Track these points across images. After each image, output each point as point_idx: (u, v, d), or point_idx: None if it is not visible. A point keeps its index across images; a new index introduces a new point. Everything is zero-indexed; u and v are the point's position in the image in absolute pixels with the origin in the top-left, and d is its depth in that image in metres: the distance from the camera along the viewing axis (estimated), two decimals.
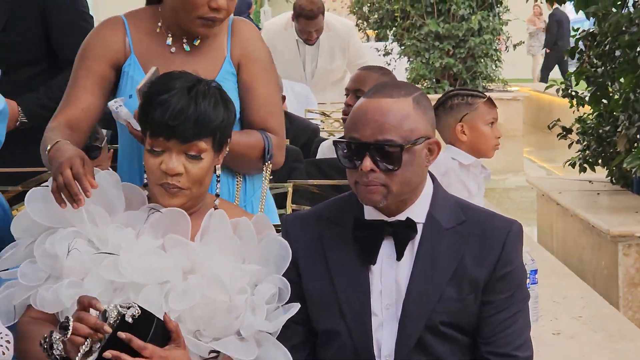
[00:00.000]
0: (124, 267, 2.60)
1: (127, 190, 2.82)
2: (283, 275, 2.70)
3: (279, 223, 2.91)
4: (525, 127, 15.96)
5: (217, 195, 2.82)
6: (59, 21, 4.33)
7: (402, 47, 15.61)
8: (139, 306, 2.44)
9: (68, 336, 2.43)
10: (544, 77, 20.58)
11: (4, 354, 2.48)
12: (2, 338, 2.51)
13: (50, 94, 4.28)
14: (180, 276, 2.64)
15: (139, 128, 2.83)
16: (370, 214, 2.72)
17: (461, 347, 2.70)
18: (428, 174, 2.75)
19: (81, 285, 2.62)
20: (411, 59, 15.32)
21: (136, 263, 2.61)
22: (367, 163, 2.62)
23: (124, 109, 2.90)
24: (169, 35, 3.06)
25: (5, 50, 4.32)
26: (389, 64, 15.66)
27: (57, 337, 2.47)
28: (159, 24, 3.06)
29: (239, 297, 2.66)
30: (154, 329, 2.44)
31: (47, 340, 2.48)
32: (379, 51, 15.49)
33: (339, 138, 2.80)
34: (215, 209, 2.78)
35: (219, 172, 2.79)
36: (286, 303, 2.69)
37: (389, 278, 2.69)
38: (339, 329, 2.68)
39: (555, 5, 7.91)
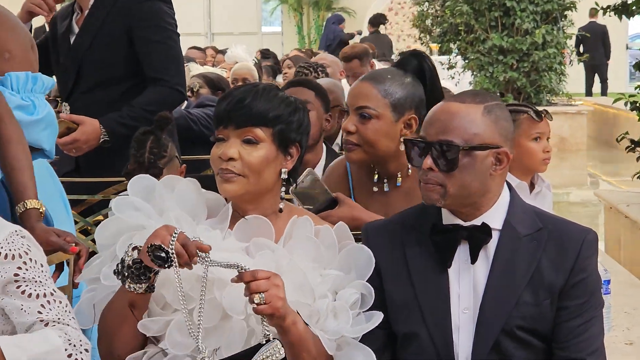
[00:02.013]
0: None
1: (209, 197, 2.90)
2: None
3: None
4: (588, 141, 15.85)
5: (282, 199, 2.86)
6: (146, 39, 4.41)
7: (466, 61, 15.59)
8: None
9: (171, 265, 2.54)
10: (588, 90, 21.00)
11: None
12: (81, 345, 2.56)
13: (132, 113, 4.36)
14: None
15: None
16: (447, 219, 2.79)
17: (537, 353, 2.74)
18: (505, 183, 2.81)
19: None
20: (475, 73, 15.30)
21: (223, 259, 2.68)
22: (428, 161, 2.71)
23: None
24: None
25: (91, 68, 4.41)
26: (453, 78, 15.68)
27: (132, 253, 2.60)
28: None
29: (320, 301, 2.73)
30: None
31: (119, 265, 2.61)
32: (443, 65, 15.47)
33: (409, 138, 2.86)
34: (280, 211, 2.85)
35: (284, 175, 2.83)
36: (369, 308, 2.75)
37: (466, 282, 2.75)
38: (420, 332, 2.75)
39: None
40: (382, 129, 3.27)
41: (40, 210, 2.99)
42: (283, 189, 2.85)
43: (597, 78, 21.43)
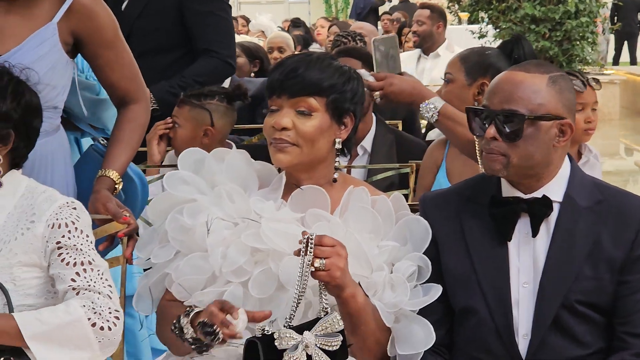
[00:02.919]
0: (266, 235, 2.64)
1: (259, 168, 2.87)
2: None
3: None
4: (621, 111, 15.71)
5: (337, 169, 2.82)
6: (198, 11, 4.37)
7: (498, 30, 15.45)
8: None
9: (217, 341, 2.48)
10: (615, 59, 20.80)
11: (110, 329, 2.53)
12: (110, 313, 2.55)
13: (182, 83, 4.35)
14: None
15: (370, 79, 3.09)
16: (507, 191, 2.73)
17: (598, 328, 2.69)
18: (567, 155, 2.76)
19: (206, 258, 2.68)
20: None
21: (277, 230, 2.65)
22: (492, 130, 2.66)
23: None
24: None
25: (140, 36, 4.37)
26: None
27: (185, 321, 2.56)
28: None
29: (377, 274, 2.69)
30: None
31: (177, 325, 2.57)
32: (473, 34, 15.34)
33: (472, 106, 2.84)
34: (334, 181, 2.80)
35: (338, 145, 2.79)
36: (426, 281, 2.72)
37: (526, 256, 2.70)
38: (478, 307, 2.69)
39: None
40: (453, 91, 3.56)
41: (116, 183, 3.02)
42: (337, 158, 2.81)
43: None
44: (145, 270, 2.87)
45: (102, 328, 2.51)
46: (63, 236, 2.57)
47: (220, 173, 2.81)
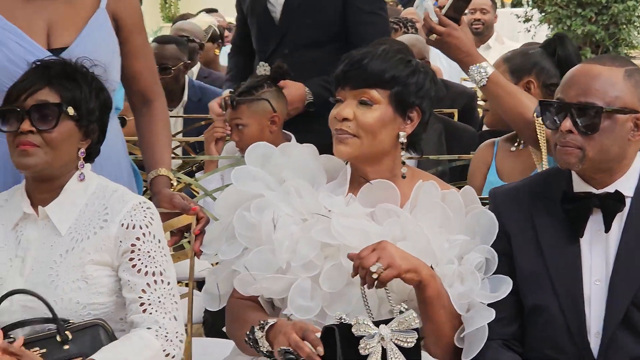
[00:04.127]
0: (336, 230, 2.63)
1: (326, 161, 2.85)
2: (493, 247, 2.70)
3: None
4: None
5: (403, 163, 2.79)
6: (360, 9, 4.33)
7: (543, 14, 15.31)
8: None
9: None
10: None
11: (177, 355, 2.56)
12: (177, 337, 2.58)
13: None
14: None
15: (436, 19, 3.04)
16: (579, 186, 2.69)
17: None
18: None
19: (273, 251, 2.67)
20: (552, 26, 15.03)
21: (347, 225, 2.64)
22: (567, 123, 2.62)
23: (429, 1, 3.06)
24: None
25: (297, 29, 4.33)
26: (529, 31, 15.39)
27: (260, 335, 2.56)
28: None
29: (447, 267, 2.67)
30: None
31: (251, 337, 2.57)
32: (518, 17, 15.22)
33: (546, 99, 2.81)
34: (403, 177, 2.78)
35: (402, 139, 2.76)
36: (494, 274, 2.69)
37: (598, 252, 2.66)
38: (550, 304, 2.66)
39: None
40: None
41: (171, 180, 3.03)
42: (403, 153, 2.78)
43: None
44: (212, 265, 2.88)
45: (173, 357, 2.55)
46: (138, 238, 2.58)
47: (287, 168, 2.81)
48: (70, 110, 2.61)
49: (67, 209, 2.62)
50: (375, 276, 2.50)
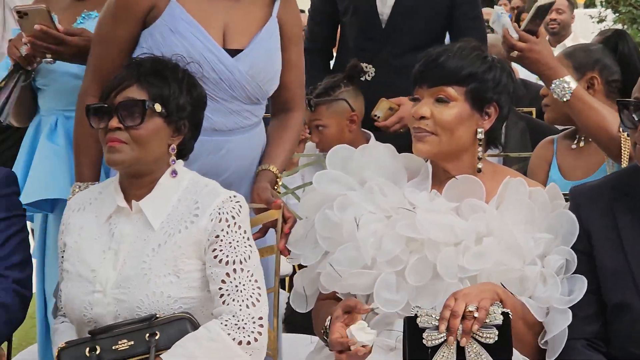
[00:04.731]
0: (421, 224, 2.66)
1: (405, 160, 2.87)
2: (573, 245, 2.70)
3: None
4: None
5: (479, 159, 2.80)
6: (465, 15, 4.37)
7: (617, 15, 15.17)
8: None
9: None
10: None
11: (256, 340, 2.56)
12: (254, 324, 2.58)
13: None
14: (474, 239, 2.68)
15: (515, 36, 3.02)
16: None
17: None
18: None
19: (357, 249, 2.70)
20: (626, 26, 14.87)
21: (432, 220, 2.66)
22: None
23: (506, 16, 3.07)
24: None
25: (403, 33, 4.35)
26: None
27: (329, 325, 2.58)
28: None
29: (530, 267, 2.68)
30: None
31: (324, 331, 2.62)
32: (592, 18, 15.10)
33: (624, 99, 2.79)
34: (479, 171, 2.79)
35: (480, 135, 2.77)
36: (574, 273, 2.69)
37: None
38: (633, 303, 2.64)
39: None
40: None
41: (277, 177, 3.08)
42: (480, 149, 2.79)
43: None
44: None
45: (248, 342, 2.55)
46: (222, 230, 2.61)
47: (368, 168, 2.84)
48: (158, 107, 2.65)
49: (160, 204, 2.66)
50: (476, 315, 2.47)
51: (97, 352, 2.54)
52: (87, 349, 2.55)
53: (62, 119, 3.32)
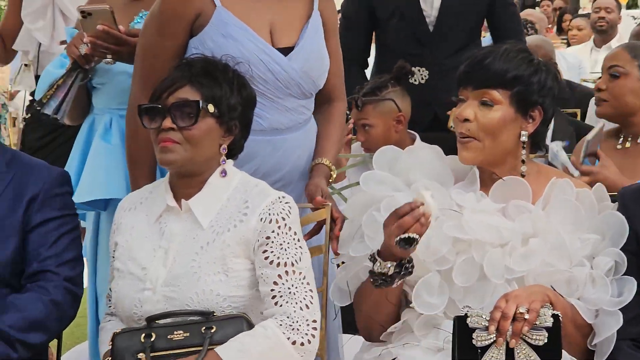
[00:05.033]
0: (468, 225, 2.66)
1: (451, 162, 2.87)
2: (623, 247, 2.69)
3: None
4: None
5: (523, 162, 2.79)
6: (506, 3, 4.47)
7: None
8: None
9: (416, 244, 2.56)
10: None
11: (309, 342, 2.57)
12: (308, 326, 2.59)
13: None
14: (520, 240, 2.68)
15: (576, 174, 3.02)
16: None
17: None
18: None
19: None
20: None
21: (479, 221, 2.67)
22: None
23: (563, 154, 3.08)
24: None
25: (451, 33, 4.40)
26: None
27: (377, 262, 2.62)
28: None
29: (578, 268, 2.67)
30: None
31: (375, 274, 2.64)
32: (635, 19, 14.98)
33: None
34: (522, 176, 2.78)
35: (524, 138, 2.76)
36: (624, 275, 2.68)
37: None
38: None
39: None
40: (627, 85, 3.51)
41: (331, 171, 3.10)
42: (523, 151, 2.78)
43: None
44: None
45: (302, 344, 2.56)
46: (273, 231, 2.62)
47: (414, 170, 2.85)
48: (211, 108, 2.67)
49: (209, 203, 2.68)
50: (526, 316, 2.48)
51: (152, 339, 2.57)
52: (143, 335, 2.58)
53: (117, 118, 3.36)
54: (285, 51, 3.01)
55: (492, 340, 2.47)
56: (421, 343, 2.65)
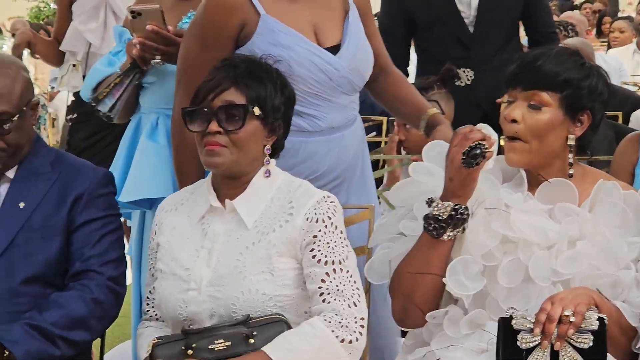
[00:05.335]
0: (515, 224, 2.64)
1: (501, 162, 2.85)
2: None
3: None
4: None
5: (570, 165, 2.76)
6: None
7: None
8: None
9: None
10: None
11: (357, 339, 2.57)
12: (356, 323, 2.59)
13: None
14: (567, 242, 2.66)
15: None
16: None
17: None
18: None
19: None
20: None
21: (526, 221, 2.65)
22: None
23: None
24: None
25: (491, 31, 4.42)
26: None
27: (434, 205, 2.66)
28: None
29: (624, 272, 2.65)
30: None
31: (431, 219, 2.66)
32: None
33: None
34: (570, 176, 2.76)
35: (571, 142, 2.73)
36: None
37: None
38: None
39: None
40: None
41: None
42: (570, 155, 2.75)
43: None
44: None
45: (350, 342, 2.56)
46: (320, 230, 2.62)
47: None
48: (256, 110, 2.66)
49: (254, 203, 2.68)
50: (572, 319, 2.46)
51: (193, 350, 2.56)
52: (183, 347, 2.58)
53: (163, 118, 3.36)
54: (332, 50, 3.01)
55: (536, 343, 2.46)
56: (465, 344, 2.63)
